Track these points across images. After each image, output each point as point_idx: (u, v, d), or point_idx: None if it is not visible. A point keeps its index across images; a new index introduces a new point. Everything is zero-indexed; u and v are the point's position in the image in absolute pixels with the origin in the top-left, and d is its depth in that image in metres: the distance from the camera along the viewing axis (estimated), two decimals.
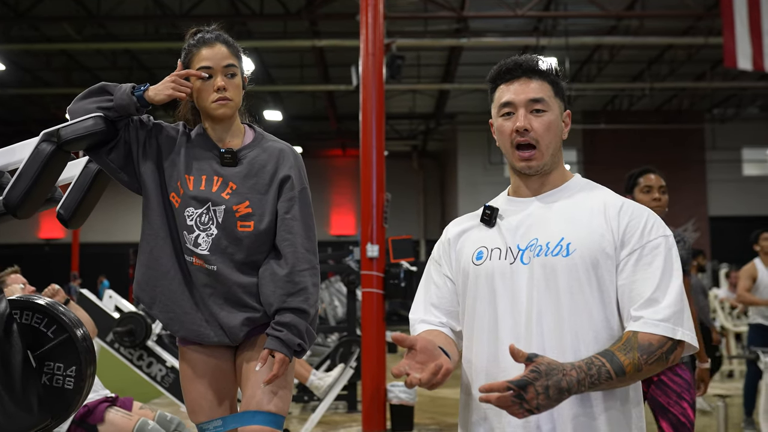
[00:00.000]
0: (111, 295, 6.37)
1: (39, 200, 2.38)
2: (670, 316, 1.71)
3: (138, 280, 2.51)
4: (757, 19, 11.13)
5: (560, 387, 1.60)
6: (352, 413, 7.77)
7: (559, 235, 1.81)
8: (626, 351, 1.69)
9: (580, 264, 1.78)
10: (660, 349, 1.70)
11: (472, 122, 22.86)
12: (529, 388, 1.58)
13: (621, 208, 1.82)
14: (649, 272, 1.75)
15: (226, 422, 2.49)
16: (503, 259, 1.85)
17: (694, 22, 15.69)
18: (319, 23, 15.77)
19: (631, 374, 1.68)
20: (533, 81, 1.87)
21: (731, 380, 10.76)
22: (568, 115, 1.94)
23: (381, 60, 7.30)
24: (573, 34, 15.57)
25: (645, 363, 1.69)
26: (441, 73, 19.38)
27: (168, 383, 5.74)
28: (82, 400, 2.63)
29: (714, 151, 22.78)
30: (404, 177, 24.81)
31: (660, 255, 1.77)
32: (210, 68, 2.44)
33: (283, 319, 2.39)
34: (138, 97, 2.39)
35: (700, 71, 18.96)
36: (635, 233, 1.78)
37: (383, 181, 7.25)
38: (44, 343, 2.60)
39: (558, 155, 1.90)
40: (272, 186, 2.47)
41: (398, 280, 7.10)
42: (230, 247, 2.43)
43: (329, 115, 21.42)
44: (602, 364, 1.67)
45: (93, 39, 16.20)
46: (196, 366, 2.52)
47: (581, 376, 1.64)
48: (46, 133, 2.37)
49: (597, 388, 1.68)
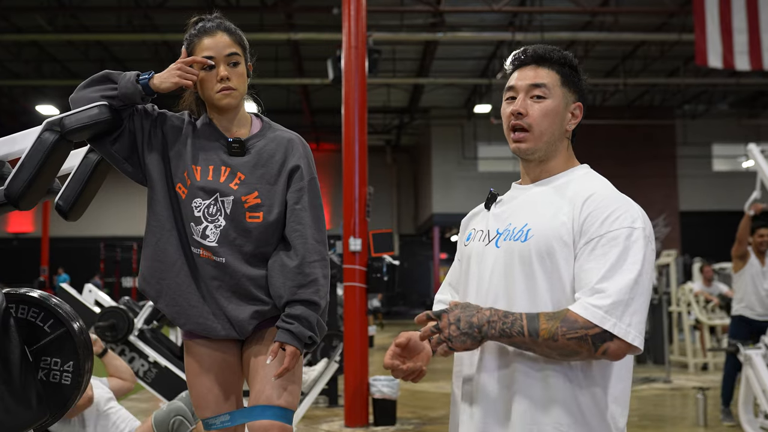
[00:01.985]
0: (91, 289, 6.27)
1: (41, 191, 2.31)
2: (605, 305, 1.66)
3: (143, 273, 2.45)
4: (727, 18, 11.26)
5: (470, 321, 1.70)
6: (333, 408, 7.75)
7: (525, 221, 1.83)
8: (549, 319, 1.68)
9: (534, 250, 1.78)
10: (583, 330, 1.66)
11: (446, 117, 22.91)
12: (443, 317, 1.73)
13: (589, 197, 1.79)
14: (601, 261, 1.71)
15: (234, 417, 2.43)
16: (481, 241, 1.92)
17: (667, 19, 15.85)
18: (295, 16, 15.68)
19: (545, 340, 1.67)
20: (541, 69, 1.89)
21: (706, 373, 10.90)
22: (579, 107, 1.93)
23: (364, 53, 7.27)
24: (548, 30, 15.66)
25: (562, 335, 1.66)
26: (416, 68, 19.38)
27: (150, 379, 5.66)
28: (80, 396, 2.57)
29: (685, 147, 23.05)
30: (378, 171, 24.78)
31: (617, 246, 1.71)
32: (212, 58, 2.39)
33: (293, 311, 2.35)
34: (143, 85, 2.33)
35: (673, 68, 19.17)
36: (595, 223, 1.75)
37: (365, 174, 7.22)
38: (41, 337, 2.54)
39: (559, 144, 1.91)
40: (281, 176, 2.43)
41: (381, 274, 7.08)
42: (239, 239, 2.38)
43: (304, 108, 21.34)
44: (519, 318, 1.70)
45: (65, 30, 15.97)
46: (202, 360, 2.47)
47: (493, 318, 1.70)
48: (49, 122, 2.31)
49: (511, 340, 1.70)
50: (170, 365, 5.63)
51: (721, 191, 22.81)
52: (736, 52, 11.23)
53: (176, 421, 3.90)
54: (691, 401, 8.17)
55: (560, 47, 1.97)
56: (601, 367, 1.79)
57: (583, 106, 1.94)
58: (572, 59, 1.93)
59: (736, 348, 6.28)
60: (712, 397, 7.93)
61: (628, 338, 1.67)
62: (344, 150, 7.24)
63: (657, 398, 8.70)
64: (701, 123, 23.03)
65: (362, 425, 6.85)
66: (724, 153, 23.79)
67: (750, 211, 6.52)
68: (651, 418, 7.53)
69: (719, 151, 23.82)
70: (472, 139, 22.82)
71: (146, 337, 5.84)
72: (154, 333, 5.96)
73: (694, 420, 7.22)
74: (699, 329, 11.56)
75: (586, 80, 1.96)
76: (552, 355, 1.71)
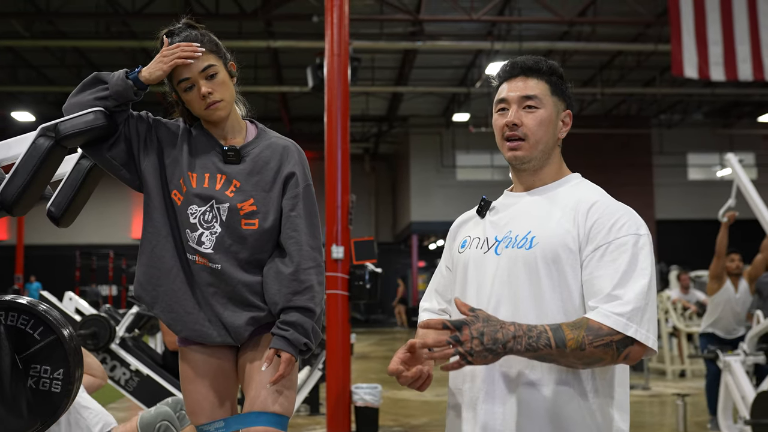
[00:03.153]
0: (71, 297, 6.22)
1: (35, 197, 2.29)
2: (626, 312, 1.70)
3: (139, 279, 2.44)
4: (702, 29, 11.41)
5: (495, 337, 1.64)
6: (314, 416, 7.73)
7: (528, 229, 1.86)
8: (573, 328, 1.69)
9: (540, 257, 1.81)
10: (609, 336, 1.69)
11: (424, 125, 22.96)
12: (464, 329, 1.63)
13: (593, 206, 1.83)
14: (612, 268, 1.75)
15: (228, 424, 2.42)
16: (479, 248, 1.93)
17: (643, 30, 16.02)
18: (275, 24, 15.67)
19: (573, 350, 1.68)
20: (530, 80, 1.93)
21: (684, 380, 10.99)
22: (569, 115, 1.97)
23: (346, 61, 7.27)
24: (526, 39, 15.76)
25: (589, 344, 1.68)
26: (395, 76, 19.43)
27: (132, 387, 5.63)
28: (70, 403, 2.55)
29: (661, 156, 23.29)
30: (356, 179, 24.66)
31: (626, 252, 1.75)
32: (188, 79, 2.37)
33: (289, 318, 2.35)
34: (133, 79, 2.33)
35: (649, 77, 19.36)
36: (602, 230, 1.79)
37: (348, 182, 7.21)
38: (30, 345, 2.50)
39: (552, 153, 1.95)
40: (276, 183, 2.43)
41: (363, 281, 7.07)
42: (234, 246, 2.38)
43: (282, 116, 21.30)
44: (544, 331, 1.68)
45: (41, 36, 15.83)
46: (197, 366, 2.46)
47: (519, 333, 1.66)
48: (43, 127, 2.29)
49: (537, 354, 1.68)
50: (152, 373, 5.59)
51: (697, 200, 23.06)
52: (711, 63, 11.37)
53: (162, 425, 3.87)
54: (670, 408, 8.25)
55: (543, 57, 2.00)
56: (605, 377, 1.82)
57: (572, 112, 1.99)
58: (559, 68, 1.98)
59: (716, 354, 6.34)
60: (692, 403, 8.00)
61: (649, 342, 1.73)
62: (327, 158, 7.23)
63: (636, 405, 8.76)
64: (677, 132, 23.28)
65: None
66: (700, 162, 24.06)
67: (723, 218, 6.59)
68: (631, 424, 7.56)
69: (694, 160, 24.09)
70: (451, 148, 22.89)
71: (128, 345, 5.80)
72: (136, 341, 5.92)
73: (673, 427, 7.28)
74: (677, 336, 11.67)
75: (571, 88, 2.00)
76: (576, 365, 1.73)
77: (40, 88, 18.87)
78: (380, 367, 12.92)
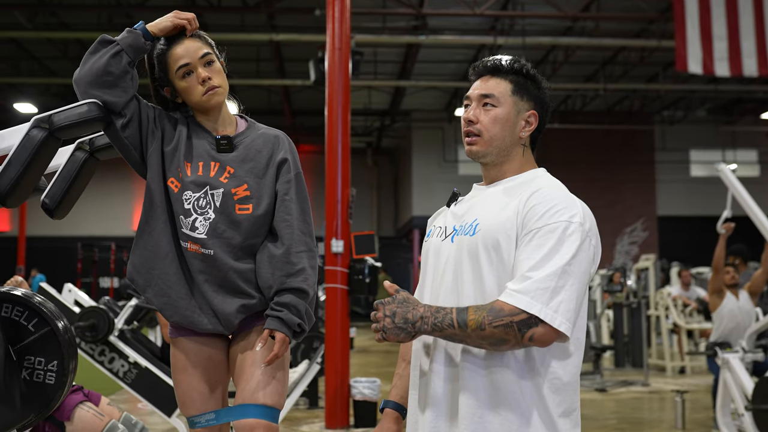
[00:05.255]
0: (70, 289, 6.22)
1: (28, 189, 2.29)
2: (532, 291, 1.72)
3: (134, 262, 2.46)
4: (707, 24, 11.38)
5: (406, 317, 1.80)
6: (313, 409, 7.74)
7: (474, 217, 1.93)
8: (477, 309, 1.76)
9: (480, 243, 1.87)
10: (510, 317, 1.72)
11: (427, 119, 22.93)
12: (379, 307, 1.83)
13: (534, 194, 1.86)
14: (535, 253, 1.78)
15: (219, 416, 2.44)
16: (438, 237, 2.03)
17: (647, 25, 15.97)
18: (277, 17, 15.64)
19: (474, 330, 1.74)
20: (492, 79, 2.02)
21: (683, 376, 10.99)
22: (533, 115, 2.01)
23: (347, 55, 7.26)
24: (529, 34, 15.71)
25: (488, 324, 1.73)
26: (397, 70, 19.39)
27: (130, 379, 5.63)
28: (65, 395, 2.55)
29: (663, 152, 23.24)
30: (358, 173, 24.74)
31: (552, 239, 1.78)
32: (188, 64, 2.44)
33: (282, 299, 2.38)
34: (141, 30, 2.39)
35: (653, 73, 19.31)
36: (534, 216, 1.82)
37: (348, 176, 7.21)
38: (25, 336, 2.51)
39: (512, 150, 2.00)
40: (269, 169, 2.48)
41: (363, 275, 7.08)
42: (228, 232, 2.41)
43: (284, 110, 21.28)
44: (449, 313, 1.78)
45: (44, 27, 15.82)
46: (188, 356, 2.48)
47: (426, 314, 1.79)
48: (37, 119, 2.29)
49: (443, 333, 1.78)
50: (150, 366, 5.59)
51: (699, 196, 23.00)
52: (715, 58, 11.35)
53: None
54: (669, 404, 8.24)
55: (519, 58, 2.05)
56: (542, 356, 1.83)
57: (541, 114, 2.02)
58: (528, 69, 2.02)
59: (714, 352, 6.33)
60: (690, 400, 7.99)
61: (555, 323, 1.72)
62: (327, 152, 7.23)
63: (635, 401, 8.76)
64: (679, 129, 23.23)
65: (343, 427, 6.84)
66: (702, 159, 24.00)
67: (722, 230, 6.57)
68: (629, 421, 7.58)
69: (697, 156, 24.03)
70: (453, 142, 22.88)
71: (126, 337, 5.79)
72: (135, 333, 5.92)
73: (672, 423, 7.28)
74: (677, 333, 11.67)
75: (547, 89, 2.05)
76: (483, 345, 1.78)
77: (43, 79, 18.85)
78: (380, 361, 12.93)
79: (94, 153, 2.57)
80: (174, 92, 2.50)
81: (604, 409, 8.25)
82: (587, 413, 7.90)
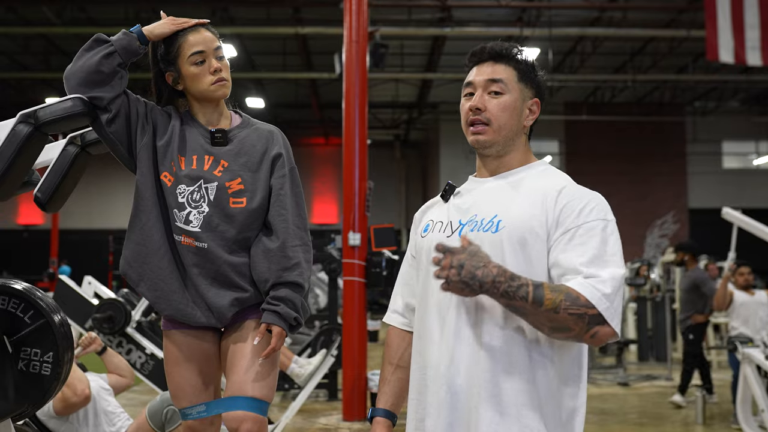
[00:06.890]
0: (90, 281, 6.30)
1: (15, 184, 2.33)
2: (606, 291, 1.70)
3: (126, 256, 2.48)
4: (739, 12, 11.18)
5: (474, 273, 1.64)
6: (332, 401, 7.77)
7: (494, 213, 1.85)
8: (553, 290, 1.68)
9: (506, 240, 1.80)
10: (585, 308, 1.68)
11: (454, 112, 22.47)
12: (447, 255, 1.66)
13: (561, 191, 1.83)
14: (581, 250, 1.75)
15: (209, 407, 2.47)
16: (442, 231, 1.92)
17: (676, 15, 15.76)
18: (303, 10, 15.68)
19: (548, 310, 1.66)
20: (498, 65, 1.93)
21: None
22: (536, 103, 1.96)
23: (365, 48, 7.26)
24: (556, 25, 15.58)
25: (564, 309, 1.67)
26: (424, 63, 19.35)
27: (147, 370, 5.69)
28: (60, 387, 2.59)
29: (695, 144, 22.92)
30: (386, 166, 24.79)
31: (595, 237, 1.76)
32: (203, 52, 2.46)
33: (279, 293, 2.40)
34: (135, 32, 2.41)
35: (682, 64, 19.05)
36: (571, 214, 1.79)
37: (365, 169, 7.22)
38: (21, 328, 2.56)
39: (517, 139, 1.94)
40: (263, 164, 2.49)
41: (380, 268, 7.09)
42: (222, 225, 2.42)
43: (312, 103, 21.33)
44: (526, 284, 1.67)
45: (72, 23, 16.01)
46: (181, 349, 2.50)
47: (500, 278, 1.66)
48: (23, 114, 2.32)
49: (510, 303, 1.67)
50: None
51: (731, 189, 22.68)
52: (747, 47, 11.16)
53: (169, 411, 3.93)
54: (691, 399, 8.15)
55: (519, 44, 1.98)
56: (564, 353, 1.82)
57: (541, 102, 1.97)
58: (528, 57, 1.96)
59: (734, 346, 6.25)
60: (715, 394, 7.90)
61: (616, 326, 1.72)
62: (344, 145, 7.26)
63: (658, 396, 8.68)
64: (711, 120, 22.88)
65: (360, 419, 6.86)
66: (735, 150, 23.65)
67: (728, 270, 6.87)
68: (650, 415, 7.51)
69: (729, 148, 23.67)
70: None
71: (143, 329, 5.86)
72: (152, 325, 5.98)
73: (693, 418, 7.20)
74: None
75: (544, 77, 1.99)
76: (544, 327, 1.71)
77: None
78: None
79: (86, 147, 2.60)
80: (177, 78, 2.50)
81: (625, 404, 8.18)
82: (608, 407, 7.84)
